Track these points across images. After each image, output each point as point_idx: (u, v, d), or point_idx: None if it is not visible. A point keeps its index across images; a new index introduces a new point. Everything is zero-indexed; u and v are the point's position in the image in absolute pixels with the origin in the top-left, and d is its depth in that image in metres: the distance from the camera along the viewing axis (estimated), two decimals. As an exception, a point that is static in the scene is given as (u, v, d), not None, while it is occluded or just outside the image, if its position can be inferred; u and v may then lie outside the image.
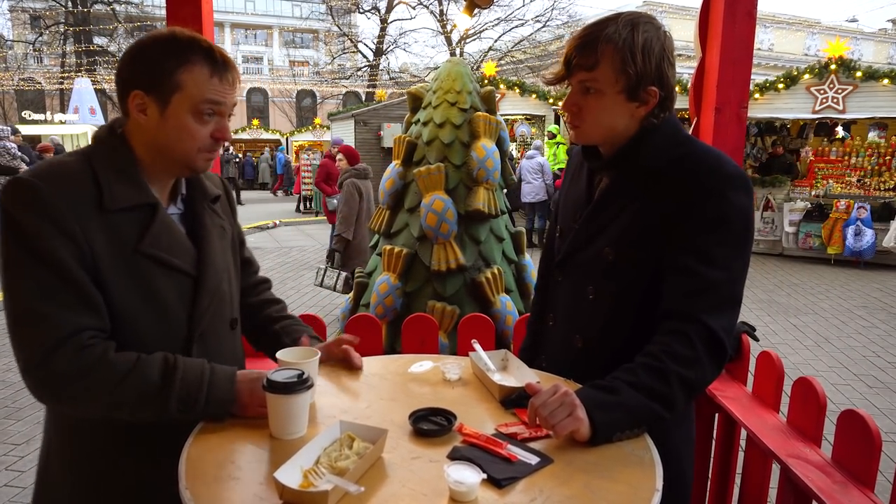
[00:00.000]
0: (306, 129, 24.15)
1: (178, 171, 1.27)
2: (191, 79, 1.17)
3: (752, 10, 1.99)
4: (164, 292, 1.21)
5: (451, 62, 3.60)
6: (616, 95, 1.26)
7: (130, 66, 1.20)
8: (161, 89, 1.17)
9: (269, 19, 42.61)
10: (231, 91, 1.23)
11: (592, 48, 1.24)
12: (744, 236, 1.24)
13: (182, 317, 1.25)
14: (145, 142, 1.22)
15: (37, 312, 1.08)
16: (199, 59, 1.18)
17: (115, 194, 1.15)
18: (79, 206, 1.11)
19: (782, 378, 1.74)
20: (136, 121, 1.20)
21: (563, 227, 1.52)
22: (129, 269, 1.16)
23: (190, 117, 1.19)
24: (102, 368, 1.11)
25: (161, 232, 1.20)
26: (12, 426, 3.87)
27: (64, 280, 1.09)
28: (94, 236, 1.12)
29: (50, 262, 1.08)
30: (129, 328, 1.17)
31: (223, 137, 1.24)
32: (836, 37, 10.94)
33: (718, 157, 1.28)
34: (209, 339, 1.30)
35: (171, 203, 1.30)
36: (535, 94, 12.46)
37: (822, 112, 9.94)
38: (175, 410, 1.15)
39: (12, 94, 30.79)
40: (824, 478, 1.38)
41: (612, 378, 1.18)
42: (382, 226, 3.56)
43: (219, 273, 1.32)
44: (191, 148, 1.21)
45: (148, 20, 30.68)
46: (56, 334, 1.08)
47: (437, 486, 1.00)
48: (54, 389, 1.11)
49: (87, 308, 1.11)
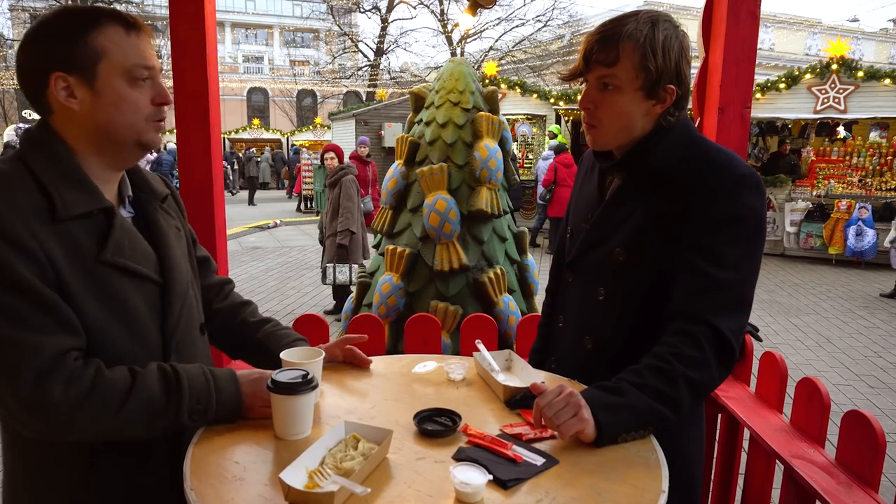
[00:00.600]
0: (307, 129, 24.14)
1: (128, 153, 1.14)
2: (109, 41, 1.07)
3: (756, 9, 1.99)
4: (133, 302, 1.12)
5: (453, 62, 3.60)
6: (634, 92, 1.25)
7: (37, 51, 1.07)
8: (83, 63, 1.06)
9: (270, 19, 42.59)
10: (151, 49, 1.12)
11: (613, 44, 1.23)
12: (755, 237, 1.23)
13: (154, 327, 1.16)
14: (82, 130, 1.09)
15: (14, 341, 0.98)
16: (108, 20, 1.08)
17: (67, 201, 1.05)
18: (30, 218, 1.00)
19: (786, 378, 1.74)
20: (65, 109, 1.07)
21: (574, 227, 1.51)
22: (94, 281, 1.06)
23: (125, 84, 1.08)
24: (101, 390, 1.03)
25: (122, 238, 1.11)
26: None
27: (32, 301, 0.99)
28: (52, 250, 1.01)
29: (13, 285, 0.98)
30: (102, 345, 1.08)
31: (165, 101, 1.14)
32: (837, 36, 10.93)
33: (730, 157, 1.27)
34: (184, 347, 1.22)
35: (119, 206, 1.18)
36: (536, 94, 12.46)
37: (824, 112, 9.94)
38: (188, 420, 1.12)
39: (12, 93, 30.76)
40: (828, 478, 1.38)
41: (618, 379, 1.18)
42: (385, 225, 3.55)
43: (184, 276, 1.24)
44: (136, 120, 1.11)
45: (148, 19, 30.66)
46: (39, 362, 0.98)
47: (443, 487, 1.00)
48: (56, 422, 1.01)
49: (63, 328, 1.02)
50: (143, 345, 1.14)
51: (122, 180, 1.21)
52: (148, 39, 1.12)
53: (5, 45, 31.05)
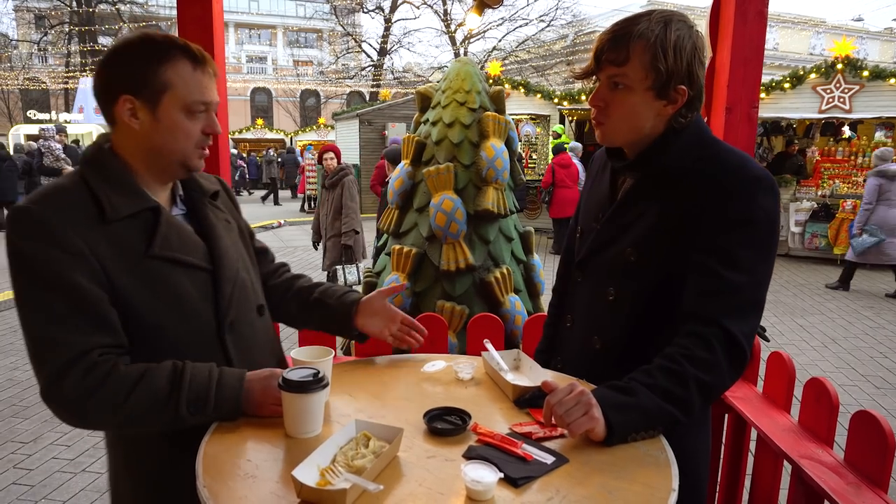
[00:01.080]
0: (310, 129, 24.18)
1: (173, 172, 1.27)
2: (176, 75, 1.18)
3: (763, 9, 1.98)
4: (185, 290, 1.23)
5: (460, 62, 3.60)
6: (645, 92, 1.24)
7: (113, 72, 1.19)
8: (150, 91, 1.17)
9: (274, 19, 42.66)
10: (213, 84, 1.24)
11: (624, 43, 1.23)
12: (769, 239, 1.23)
13: (208, 310, 1.27)
14: (138, 147, 1.22)
15: (48, 339, 1.10)
16: (179, 55, 1.19)
17: (115, 205, 1.16)
18: (80, 223, 1.12)
19: (793, 379, 1.74)
20: (127, 127, 1.20)
21: (584, 227, 1.51)
22: (145, 275, 1.17)
23: (182, 115, 1.20)
24: (109, 384, 1.11)
25: (169, 232, 1.22)
26: (20, 424, 3.89)
27: (75, 303, 1.10)
28: (102, 250, 1.13)
29: (59, 288, 1.09)
30: (159, 333, 1.20)
31: (213, 132, 1.25)
32: (841, 36, 10.90)
33: (745, 158, 1.27)
34: (240, 327, 1.32)
35: (172, 206, 1.32)
36: (539, 93, 12.45)
37: (829, 112, 9.91)
38: (187, 413, 1.15)
39: (17, 93, 30.89)
40: (837, 479, 1.38)
41: (629, 379, 1.18)
42: (391, 225, 3.56)
43: (233, 261, 1.34)
44: (186, 146, 1.22)
45: (153, 20, 30.76)
46: (64, 358, 1.09)
47: (454, 485, 1.00)
48: (68, 410, 1.13)
49: (98, 328, 1.12)
50: (196, 327, 1.25)
51: (173, 183, 1.33)
52: (211, 74, 1.24)
53: (10, 46, 31.18)
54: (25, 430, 3.81)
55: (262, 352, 1.39)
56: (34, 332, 1.11)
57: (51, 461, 3.43)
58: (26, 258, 1.10)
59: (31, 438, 3.70)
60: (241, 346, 1.32)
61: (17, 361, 5.04)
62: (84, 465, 3.39)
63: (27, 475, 3.28)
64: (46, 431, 3.79)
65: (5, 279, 7.86)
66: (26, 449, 3.57)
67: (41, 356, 1.11)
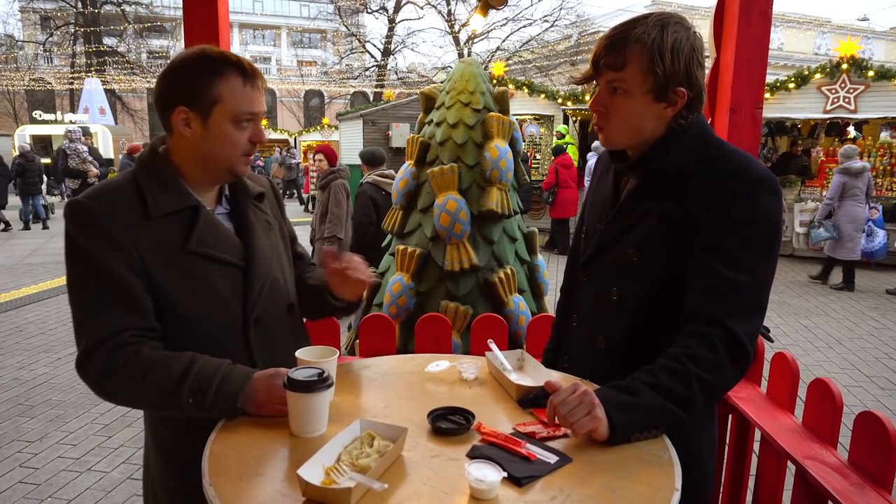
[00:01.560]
0: (314, 129, 24.19)
1: (221, 177, 1.37)
2: (227, 90, 1.28)
3: (768, 9, 1.98)
4: (216, 285, 1.32)
5: (464, 62, 3.60)
6: (643, 96, 1.25)
7: (170, 85, 1.30)
8: (202, 103, 1.27)
9: (278, 19, 42.73)
10: (261, 97, 1.35)
11: (621, 48, 1.23)
12: (771, 240, 1.23)
13: (237, 306, 1.35)
14: (189, 154, 1.33)
15: (90, 316, 1.23)
16: (231, 71, 1.28)
17: (158, 202, 1.28)
18: (126, 219, 1.24)
19: (797, 379, 1.74)
20: (180, 135, 1.31)
21: (588, 227, 1.52)
22: (180, 268, 1.28)
23: (230, 126, 1.29)
24: (131, 364, 1.21)
25: (206, 230, 1.31)
26: (25, 423, 3.91)
27: (115, 288, 1.22)
28: (143, 244, 1.24)
29: (101, 274, 1.22)
30: (189, 324, 1.29)
31: (259, 140, 1.34)
32: (847, 36, 10.86)
33: (748, 159, 1.27)
34: (266, 324, 1.39)
35: (217, 205, 1.42)
36: (543, 94, 12.44)
37: (834, 112, 9.87)
38: (187, 402, 1.20)
39: (23, 94, 31.02)
40: (841, 479, 1.38)
41: (632, 379, 1.18)
42: (395, 226, 3.56)
43: (266, 261, 1.41)
44: (232, 154, 1.32)
45: (157, 20, 30.85)
46: (99, 335, 1.21)
47: (458, 484, 1.01)
48: (95, 382, 1.24)
49: (133, 311, 1.24)
50: (224, 321, 1.33)
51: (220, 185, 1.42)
52: (260, 87, 1.34)
53: (16, 47, 31.31)
54: (31, 430, 3.83)
55: (286, 349, 1.41)
56: (78, 310, 1.24)
57: (56, 460, 3.45)
58: (77, 246, 1.23)
59: (37, 437, 3.72)
60: (265, 341, 1.38)
61: (22, 361, 5.07)
62: (90, 464, 3.41)
63: (33, 474, 3.30)
64: (52, 431, 3.81)
65: (10, 281, 7.92)
66: (32, 448, 3.59)
67: (80, 332, 1.24)
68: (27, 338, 5.74)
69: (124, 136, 22.24)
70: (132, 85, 28.11)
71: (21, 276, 8.32)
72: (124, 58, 28.97)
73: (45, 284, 7.75)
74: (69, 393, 4.40)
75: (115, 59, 28.41)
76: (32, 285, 7.72)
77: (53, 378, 4.70)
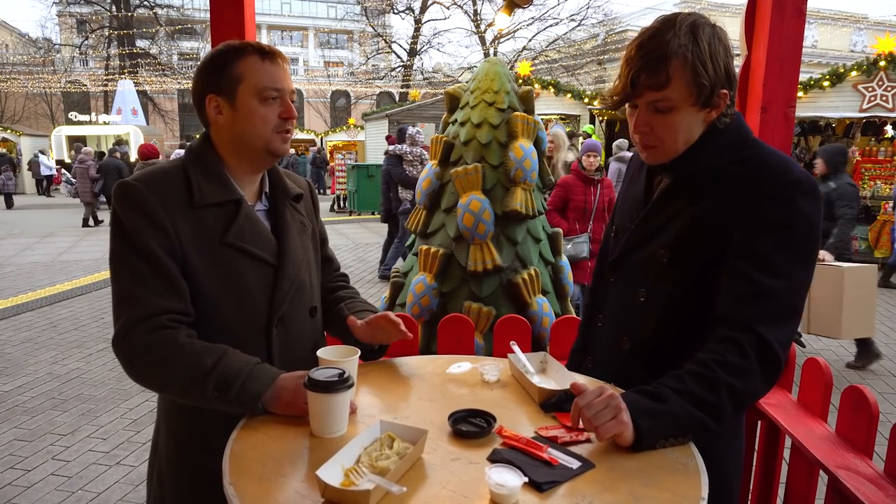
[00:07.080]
0: (340, 129, 24.38)
1: (260, 159, 1.39)
2: (247, 68, 1.32)
3: (802, 6, 1.93)
4: (246, 279, 1.34)
5: (489, 62, 3.58)
6: (689, 108, 1.22)
7: (199, 78, 1.36)
8: (228, 86, 1.32)
9: (305, 21, 43.18)
10: (284, 73, 1.36)
11: (662, 66, 1.18)
12: (808, 244, 1.18)
13: (263, 302, 1.37)
14: (226, 139, 1.36)
15: (129, 293, 1.25)
16: (250, 51, 1.33)
17: (204, 192, 1.31)
18: (170, 203, 1.28)
19: (830, 386, 1.68)
20: (216, 123, 1.35)
21: (618, 227, 1.49)
22: (215, 258, 1.31)
23: (256, 102, 1.32)
24: (167, 346, 1.23)
25: (244, 225, 1.34)
26: (58, 417, 4.01)
27: (154, 268, 1.25)
28: (183, 230, 1.28)
29: (143, 253, 1.25)
30: (213, 312, 1.32)
31: (289, 116, 1.36)
32: (884, 32, 10.55)
33: (786, 160, 1.23)
34: (289, 323, 1.41)
35: (258, 200, 1.44)
36: (569, 93, 12.36)
37: (871, 110, 9.61)
38: (211, 393, 1.21)
39: (59, 95, 31.88)
40: (877, 491, 1.33)
41: (659, 384, 1.15)
42: (419, 226, 3.56)
43: (297, 262, 1.43)
44: (264, 131, 1.34)
45: (188, 23, 31.39)
46: (140, 312, 1.23)
47: (478, 488, 1.00)
48: (127, 360, 1.25)
49: (172, 293, 1.26)
50: (248, 316, 1.36)
51: (262, 179, 1.46)
52: (282, 64, 1.36)
53: (53, 50, 32.19)
54: (64, 423, 3.92)
55: (305, 350, 1.43)
56: (118, 286, 1.27)
57: (87, 453, 3.52)
58: (122, 224, 1.26)
59: (69, 431, 3.81)
60: (285, 341, 1.40)
61: (56, 356, 5.20)
62: (119, 457, 3.48)
63: (64, 466, 3.37)
64: (83, 424, 3.90)
65: (46, 277, 8.13)
66: (64, 441, 3.67)
67: (119, 307, 1.26)
68: (61, 333, 5.88)
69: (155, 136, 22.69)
70: (163, 86, 28.70)
71: (56, 273, 8.52)
72: (156, 60, 29.57)
73: (79, 281, 7.93)
74: (100, 388, 4.50)
75: (147, 60, 29.03)
76: (66, 282, 7.92)
77: (86, 373, 4.81)
